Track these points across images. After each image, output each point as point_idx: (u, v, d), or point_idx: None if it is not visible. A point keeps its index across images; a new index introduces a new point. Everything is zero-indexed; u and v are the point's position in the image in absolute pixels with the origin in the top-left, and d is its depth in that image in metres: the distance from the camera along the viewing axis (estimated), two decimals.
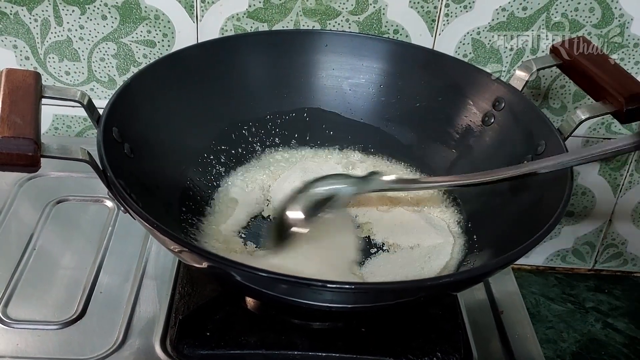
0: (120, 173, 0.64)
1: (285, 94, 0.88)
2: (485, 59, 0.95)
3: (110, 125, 0.68)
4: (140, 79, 0.75)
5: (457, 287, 0.67)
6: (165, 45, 0.94)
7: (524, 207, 0.71)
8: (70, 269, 0.78)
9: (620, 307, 1.14)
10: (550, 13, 0.91)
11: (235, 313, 0.71)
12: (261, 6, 0.91)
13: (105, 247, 0.81)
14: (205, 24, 0.92)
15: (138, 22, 0.92)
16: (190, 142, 0.81)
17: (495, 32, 0.92)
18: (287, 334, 0.69)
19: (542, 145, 0.73)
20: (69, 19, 0.92)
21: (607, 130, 1.02)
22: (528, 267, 1.19)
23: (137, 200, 0.65)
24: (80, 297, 0.74)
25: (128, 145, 0.71)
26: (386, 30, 0.93)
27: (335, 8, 0.91)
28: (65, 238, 0.83)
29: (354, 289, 0.58)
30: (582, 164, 0.78)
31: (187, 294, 0.73)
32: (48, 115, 1.01)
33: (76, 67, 0.96)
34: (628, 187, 1.10)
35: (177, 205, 0.76)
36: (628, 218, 1.13)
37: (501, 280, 0.81)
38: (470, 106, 0.83)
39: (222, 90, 0.84)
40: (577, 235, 1.15)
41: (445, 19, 0.91)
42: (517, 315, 0.77)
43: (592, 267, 1.20)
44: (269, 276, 0.56)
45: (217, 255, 0.63)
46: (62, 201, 0.87)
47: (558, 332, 1.08)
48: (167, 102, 0.79)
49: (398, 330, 0.71)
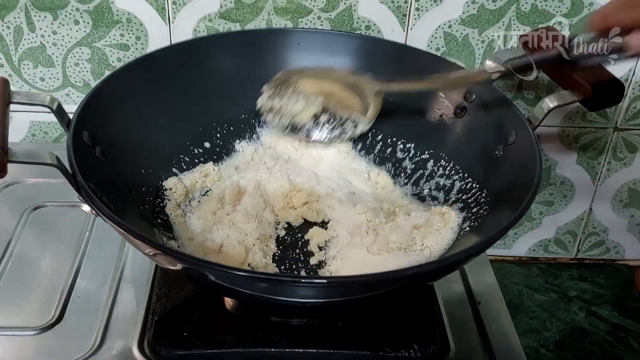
0: (91, 176, 0.64)
1: (260, 93, 0.88)
2: (458, 52, 0.95)
3: (80, 129, 0.68)
4: (111, 83, 0.76)
5: (431, 277, 0.68)
6: (139, 48, 0.94)
7: (496, 195, 0.72)
8: (48, 274, 0.78)
9: (603, 295, 1.15)
10: (520, 4, 0.91)
11: (212, 313, 0.71)
12: (232, 6, 0.91)
13: (83, 252, 0.81)
14: (178, 26, 0.92)
15: (110, 26, 0.92)
16: (164, 144, 0.81)
17: (466, 25, 0.93)
18: (265, 332, 0.69)
19: (512, 135, 0.73)
20: (42, 25, 0.92)
21: (583, 119, 1.03)
22: (511, 258, 1.20)
23: (109, 203, 0.65)
24: (57, 301, 0.74)
25: (99, 149, 0.71)
26: (358, 27, 0.93)
27: (306, 6, 0.91)
28: (42, 244, 0.83)
29: (326, 284, 0.59)
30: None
31: (164, 295, 0.73)
32: (24, 122, 1.01)
33: (51, 73, 0.96)
34: (607, 175, 1.10)
35: (151, 207, 0.76)
36: (608, 206, 1.14)
37: (479, 271, 0.81)
38: (443, 99, 0.83)
39: (195, 91, 0.85)
40: (558, 224, 1.16)
41: (416, 13, 0.92)
42: (495, 306, 0.77)
43: (574, 256, 1.20)
44: (243, 274, 0.57)
45: (190, 256, 0.64)
46: (40, 207, 0.87)
47: (541, 322, 1.09)
48: (140, 104, 0.79)
49: (375, 323, 0.71)
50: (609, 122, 1.03)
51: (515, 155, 0.72)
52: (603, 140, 1.06)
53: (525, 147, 0.70)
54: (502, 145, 0.74)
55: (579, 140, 1.05)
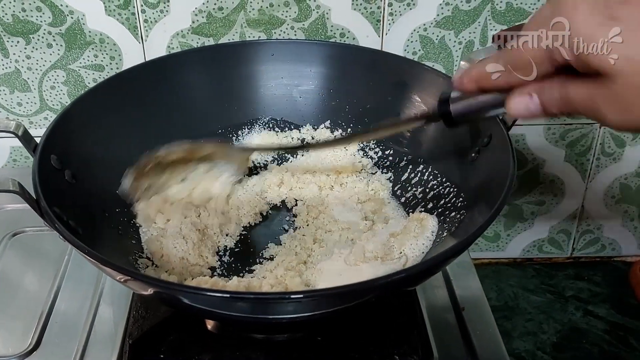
0: (60, 201, 0.64)
1: (236, 107, 0.88)
2: (436, 54, 0.94)
3: (47, 153, 0.68)
4: (79, 106, 0.75)
5: (412, 282, 0.66)
6: (113, 68, 0.94)
7: (473, 198, 0.71)
8: (26, 300, 0.77)
9: (600, 294, 1.13)
10: (495, 3, 0.90)
11: (190, 333, 0.70)
12: (205, 21, 0.90)
13: (62, 276, 0.80)
14: (151, 44, 0.92)
15: (84, 47, 0.92)
16: None
17: (441, 27, 0.92)
18: (243, 350, 0.68)
19: (487, 137, 0.72)
20: (15, 49, 0.92)
21: (568, 116, 1.01)
22: (505, 260, 1.18)
23: (79, 226, 0.65)
24: (35, 327, 0.73)
25: (69, 172, 0.70)
26: (332, 35, 0.92)
27: (278, 17, 0.91)
28: (21, 270, 0.82)
29: (302, 298, 0.57)
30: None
31: (141, 317, 0.72)
32: (5, 148, 1.01)
33: (28, 98, 0.96)
34: (597, 172, 1.08)
35: (125, 228, 0.75)
36: (600, 202, 1.12)
37: (462, 276, 0.80)
38: (419, 103, 0.82)
39: (170, 108, 0.84)
40: (551, 224, 1.14)
41: (390, 18, 0.91)
42: (480, 311, 0.76)
43: (570, 255, 1.19)
44: (215, 295, 0.55)
45: (161, 280, 0.63)
46: (18, 233, 0.87)
47: (538, 324, 1.07)
48: (112, 125, 0.78)
49: (355, 335, 0.69)
50: None
51: (490, 156, 0.71)
52: (590, 137, 1.04)
53: (500, 147, 0.69)
54: (478, 148, 0.73)
55: (566, 137, 1.04)
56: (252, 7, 0.89)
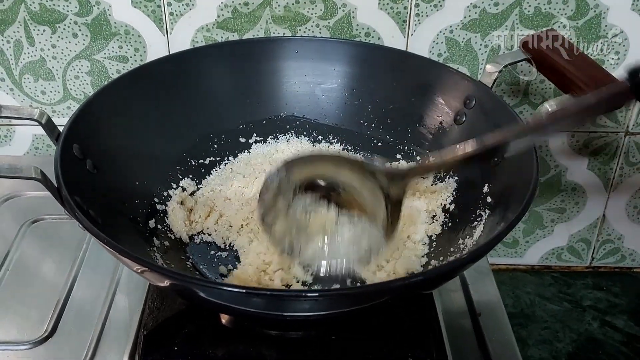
0: (80, 190, 0.64)
1: (258, 103, 0.88)
2: (461, 57, 0.94)
3: (70, 143, 0.68)
4: (103, 96, 0.76)
5: (429, 285, 0.66)
6: (137, 60, 0.94)
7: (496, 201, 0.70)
8: (43, 288, 0.77)
9: (619, 305, 1.11)
10: (523, 7, 0.89)
11: (205, 326, 0.70)
12: (230, 16, 0.90)
13: (79, 265, 0.80)
14: (176, 37, 0.92)
15: (109, 38, 0.92)
16: (159, 156, 0.81)
17: (468, 29, 0.91)
18: (256, 346, 0.68)
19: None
20: (41, 38, 0.92)
21: (593, 124, 1.00)
22: (523, 267, 1.17)
23: (98, 217, 0.65)
24: (51, 315, 0.74)
25: (90, 162, 0.70)
26: (357, 34, 0.92)
27: (304, 14, 0.90)
28: (39, 257, 0.83)
29: (318, 296, 0.58)
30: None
31: (156, 308, 0.72)
32: (28, 136, 1.02)
33: (51, 87, 0.96)
34: (619, 181, 1.07)
35: (144, 220, 0.75)
36: (622, 212, 1.11)
37: (479, 282, 0.79)
38: (442, 105, 0.82)
39: (191, 102, 0.84)
40: (571, 232, 1.13)
41: (416, 19, 0.90)
42: (496, 317, 0.75)
43: (589, 264, 1.17)
44: (231, 290, 0.55)
45: (178, 272, 0.63)
46: (38, 221, 0.87)
47: (554, 333, 1.06)
48: (134, 116, 0.79)
49: (369, 336, 0.69)
50: (619, 126, 1.00)
51: (513, 162, 0.70)
52: (614, 145, 1.03)
53: (523, 153, 0.68)
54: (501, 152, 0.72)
55: (590, 145, 1.03)
56: (278, 4, 0.89)
